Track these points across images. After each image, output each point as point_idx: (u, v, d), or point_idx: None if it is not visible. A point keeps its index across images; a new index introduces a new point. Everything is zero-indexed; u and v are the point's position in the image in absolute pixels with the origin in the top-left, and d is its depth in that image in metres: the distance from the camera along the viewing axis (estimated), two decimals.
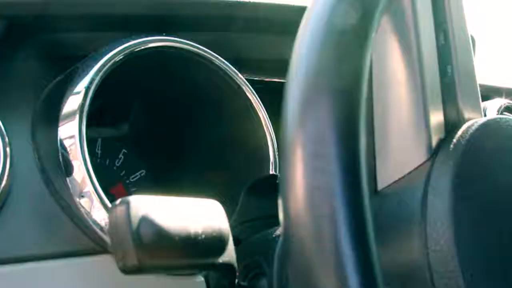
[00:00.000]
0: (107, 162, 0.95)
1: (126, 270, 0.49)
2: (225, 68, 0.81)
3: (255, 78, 0.98)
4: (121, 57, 0.73)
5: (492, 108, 1.26)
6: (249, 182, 0.81)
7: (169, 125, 0.96)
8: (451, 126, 0.56)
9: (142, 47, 0.75)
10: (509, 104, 1.31)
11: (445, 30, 0.59)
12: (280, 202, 0.36)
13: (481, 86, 1.30)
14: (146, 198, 0.51)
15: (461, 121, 0.58)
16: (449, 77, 0.58)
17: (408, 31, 0.55)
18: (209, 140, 0.92)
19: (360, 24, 0.39)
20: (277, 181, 0.38)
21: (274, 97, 0.57)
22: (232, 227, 0.77)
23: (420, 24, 0.55)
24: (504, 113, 1.27)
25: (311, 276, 0.34)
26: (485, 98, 1.33)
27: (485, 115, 0.60)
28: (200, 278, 0.73)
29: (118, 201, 0.50)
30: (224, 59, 0.83)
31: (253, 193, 0.81)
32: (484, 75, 1.36)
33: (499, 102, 1.29)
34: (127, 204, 0.49)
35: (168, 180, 0.96)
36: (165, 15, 0.87)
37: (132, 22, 0.85)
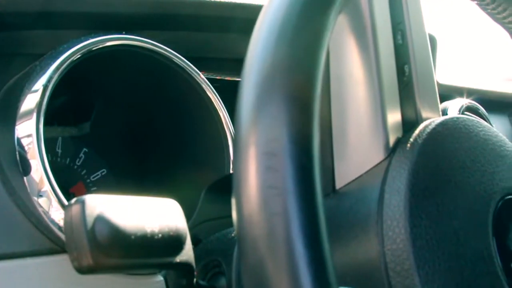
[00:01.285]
0: (68, 161, 0.94)
1: (81, 270, 0.49)
2: (185, 67, 0.81)
3: (217, 77, 0.98)
4: (78, 56, 0.73)
5: (453, 108, 1.27)
6: (210, 181, 0.81)
7: (130, 124, 0.95)
8: (408, 125, 0.57)
9: (100, 46, 0.75)
10: (470, 104, 1.32)
11: (402, 29, 0.59)
12: (233, 201, 0.36)
13: (442, 86, 1.32)
14: (101, 197, 0.50)
15: (419, 120, 0.58)
16: (407, 76, 0.58)
17: (365, 31, 0.55)
18: (169, 139, 0.92)
19: (315, 23, 0.39)
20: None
21: (235, 96, 0.57)
22: (193, 226, 0.77)
23: (377, 24, 0.56)
24: (466, 113, 1.28)
25: (263, 275, 0.34)
26: (447, 97, 1.34)
27: (446, 115, 0.61)
28: (160, 278, 0.73)
29: (73, 200, 0.50)
30: (185, 57, 0.82)
31: (213, 192, 0.81)
32: (446, 75, 1.37)
33: (461, 102, 1.30)
34: (82, 203, 0.49)
35: (129, 179, 0.96)
36: (126, 14, 0.87)
37: (93, 20, 0.84)
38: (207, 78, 0.84)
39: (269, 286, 0.33)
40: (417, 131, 0.54)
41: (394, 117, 0.56)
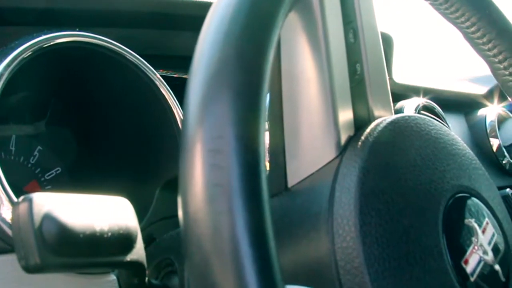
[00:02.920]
0: (22, 160, 0.92)
1: (29, 269, 0.48)
2: (139, 64, 0.80)
3: (174, 75, 0.97)
4: (30, 53, 0.71)
5: (409, 107, 1.28)
6: (164, 180, 0.80)
7: (85, 123, 0.94)
8: (360, 124, 0.57)
9: (52, 43, 0.74)
10: (426, 103, 1.33)
11: (354, 28, 0.59)
12: (179, 199, 0.36)
13: (399, 85, 1.33)
14: (50, 195, 0.50)
15: (371, 118, 0.59)
16: (358, 75, 0.59)
17: (317, 29, 0.56)
18: (124, 137, 0.91)
19: (264, 21, 0.39)
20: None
21: None
22: (147, 224, 0.76)
23: (328, 22, 0.56)
24: (422, 112, 1.29)
25: (209, 274, 0.33)
26: (403, 97, 1.35)
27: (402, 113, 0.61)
28: (112, 277, 0.72)
29: (21, 198, 0.49)
30: (142, 55, 0.82)
31: (168, 190, 0.80)
32: (403, 75, 1.38)
33: (417, 101, 1.32)
34: (30, 201, 0.48)
35: (84, 177, 0.95)
36: (80, 10, 0.86)
37: (46, 16, 0.83)
38: (165, 76, 0.84)
39: (214, 285, 0.33)
40: (368, 130, 0.55)
41: (345, 115, 0.56)
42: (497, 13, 0.68)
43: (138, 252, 0.56)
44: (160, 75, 0.83)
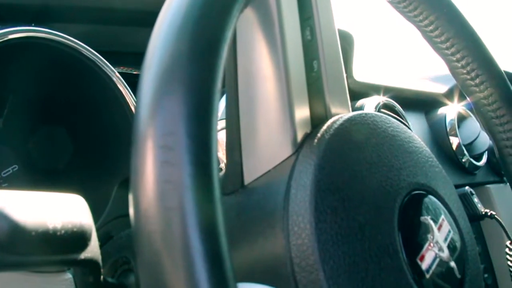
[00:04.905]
0: None
1: None
2: (95, 60, 0.80)
3: (134, 72, 0.97)
4: None
5: (370, 105, 1.29)
6: (122, 178, 0.79)
7: (43, 119, 0.93)
8: (317, 121, 0.57)
9: (5, 38, 0.72)
10: (387, 102, 1.34)
11: (311, 25, 0.59)
12: (130, 196, 0.35)
13: (359, 83, 1.33)
14: (0, 192, 0.49)
15: (328, 116, 0.59)
16: (315, 72, 0.59)
17: (273, 26, 0.55)
18: (82, 134, 0.90)
19: (217, 17, 0.39)
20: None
21: None
22: (104, 222, 0.75)
23: (284, 19, 0.56)
24: (382, 110, 1.30)
25: (159, 271, 0.33)
26: (364, 95, 1.35)
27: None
28: (69, 276, 0.71)
29: None
30: (102, 52, 0.81)
31: (126, 188, 0.79)
32: (363, 73, 1.39)
33: (377, 99, 1.32)
34: None
35: (42, 175, 0.93)
36: (37, 5, 0.85)
37: (1, 12, 0.82)
38: (125, 73, 0.83)
39: (164, 282, 0.33)
40: (324, 127, 0.55)
41: (302, 112, 0.56)
42: (455, 11, 0.69)
43: (93, 250, 0.55)
44: (121, 72, 0.83)
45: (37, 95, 0.91)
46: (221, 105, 0.60)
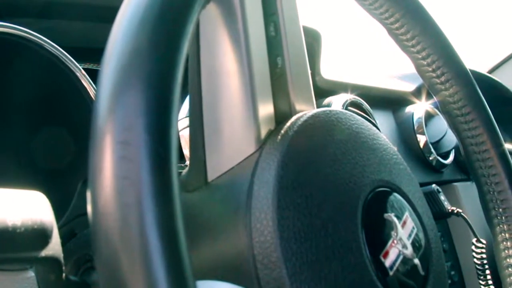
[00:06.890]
0: None
1: None
2: (59, 55, 0.79)
3: (99, 68, 0.96)
4: None
5: (337, 103, 1.29)
6: (86, 174, 0.79)
7: (4, 115, 0.92)
8: (281, 118, 0.57)
9: None
10: (354, 100, 1.34)
11: (275, 21, 0.59)
12: (88, 192, 0.35)
13: (327, 81, 1.33)
14: None
15: (292, 112, 0.59)
16: (279, 68, 0.58)
17: (236, 22, 0.55)
18: (45, 130, 0.89)
19: (177, 12, 0.38)
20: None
21: None
22: (68, 220, 0.74)
23: (248, 15, 0.55)
24: (350, 108, 1.30)
25: (117, 268, 0.33)
26: (332, 93, 1.36)
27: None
28: (31, 274, 0.70)
29: None
30: (68, 47, 0.80)
31: None
32: (331, 71, 1.39)
33: (345, 97, 1.32)
34: None
35: (3, 172, 0.92)
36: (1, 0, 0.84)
37: None
38: (91, 69, 0.82)
39: (122, 279, 0.32)
40: (288, 123, 0.54)
41: (266, 109, 0.56)
42: (421, 9, 0.69)
43: (54, 247, 0.54)
44: (87, 68, 0.82)
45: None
46: (187, 102, 0.60)
